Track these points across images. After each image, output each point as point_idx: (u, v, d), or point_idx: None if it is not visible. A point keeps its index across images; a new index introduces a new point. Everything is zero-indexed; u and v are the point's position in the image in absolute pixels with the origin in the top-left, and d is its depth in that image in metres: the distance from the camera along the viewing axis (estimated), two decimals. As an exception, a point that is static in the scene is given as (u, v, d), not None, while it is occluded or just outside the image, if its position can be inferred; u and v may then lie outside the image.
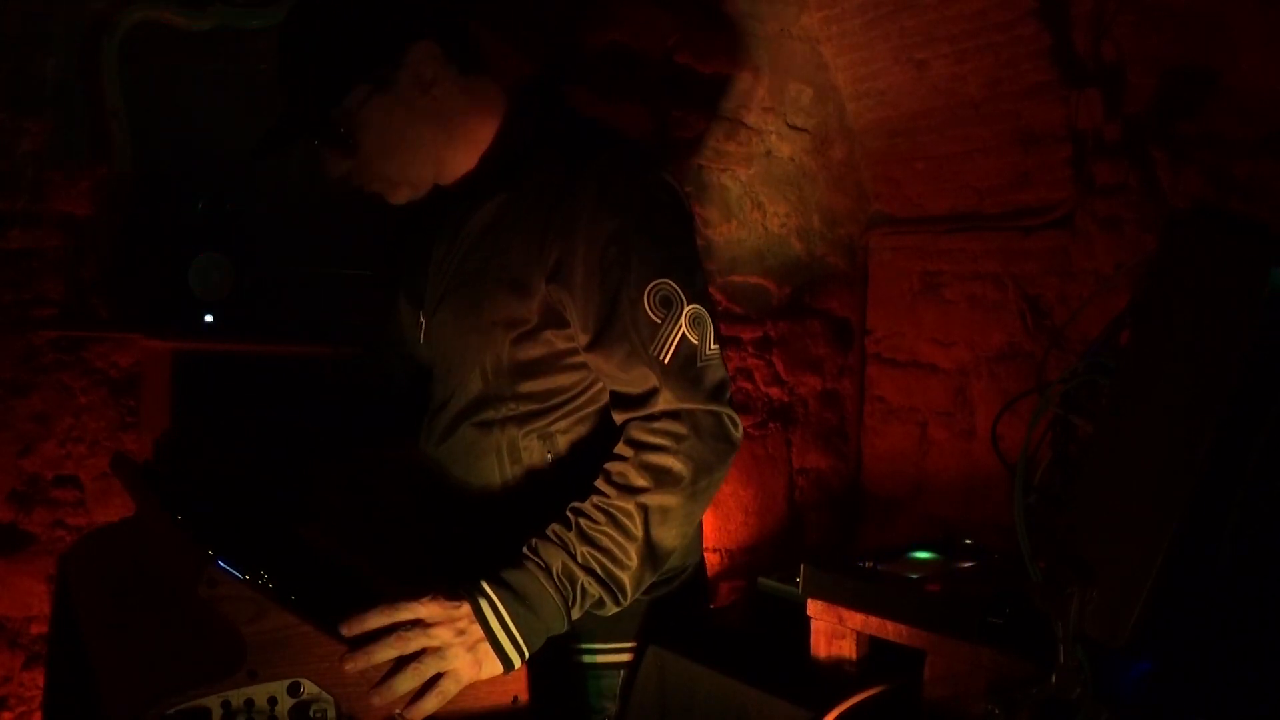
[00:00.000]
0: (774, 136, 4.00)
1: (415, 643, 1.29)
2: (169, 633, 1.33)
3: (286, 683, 1.22)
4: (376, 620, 1.28)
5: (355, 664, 1.25)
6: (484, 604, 1.35)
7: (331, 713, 1.24)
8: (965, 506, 3.91)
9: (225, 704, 1.19)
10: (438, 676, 1.30)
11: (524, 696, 1.37)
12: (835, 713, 1.29)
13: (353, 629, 1.27)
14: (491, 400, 1.57)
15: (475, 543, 1.63)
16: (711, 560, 3.88)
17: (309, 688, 1.23)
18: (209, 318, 2.67)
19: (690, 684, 1.45)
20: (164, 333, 2.66)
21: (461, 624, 1.32)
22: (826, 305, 4.22)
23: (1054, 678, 1.07)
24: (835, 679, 1.40)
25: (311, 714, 1.23)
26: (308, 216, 3.05)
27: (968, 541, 1.62)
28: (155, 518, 1.51)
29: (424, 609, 1.31)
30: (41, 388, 2.77)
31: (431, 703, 1.29)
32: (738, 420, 1.51)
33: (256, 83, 2.93)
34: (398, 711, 1.28)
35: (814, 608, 1.46)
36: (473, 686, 1.33)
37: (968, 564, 1.51)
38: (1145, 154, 3.36)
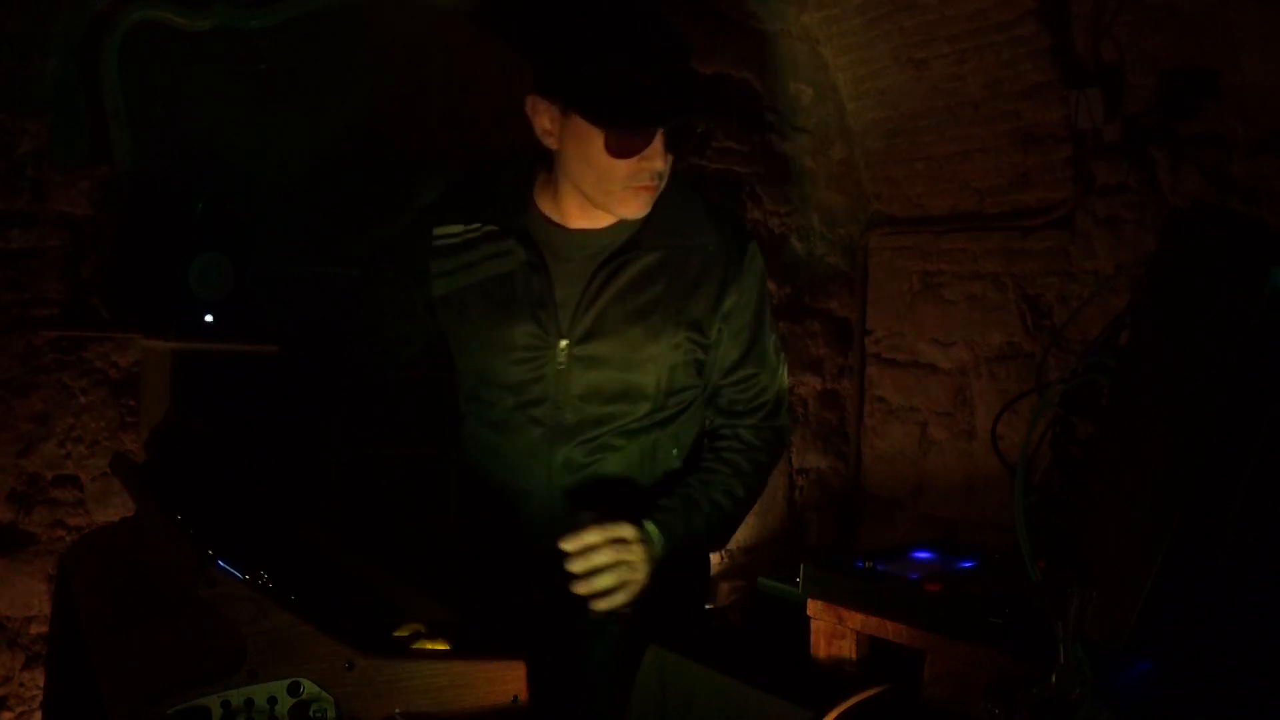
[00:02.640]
0: (774, 136, 4.00)
1: (621, 553, 1.64)
2: (169, 633, 1.33)
3: (286, 683, 1.22)
4: (592, 537, 1.62)
5: (575, 566, 1.61)
6: (655, 534, 1.72)
7: (331, 713, 1.24)
8: (965, 506, 3.90)
9: (225, 704, 1.19)
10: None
11: (524, 696, 1.37)
12: (835, 713, 1.29)
13: (573, 544, 1.61)
14: (652, 413, 1.87)
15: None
16: (711, 560, 3.88)
17: (309, 688, 1.23)
18: (209, 318, 2.67)
19: (690, 684, 1.45)
20: (164, 333, 2.67)
21: (647, 547, 1.69)
22: (826, 305, 4.22)
23: (1054, 678, 1.07)
24: (835, 679, 1.40)
25: (311, 714, 1.23)
26: (308, 216, 3.05)
27: (967, 541, 1.62)
28: (155, 518, 1.52)
29: (626, 530, 1.66)
30: (41, 388, 2.77)
31: (621, 598, 1.64)
32: None
33: (256, 83, 2.93)
34: (397, 710, 1.28)
35: (814, 608, 1.46)
36: (472, 687, 1.33)
37: (968, 564, 1.51)
38: (1145, 154, 3.36)
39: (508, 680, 1.36)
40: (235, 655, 1.20)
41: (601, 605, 1.64)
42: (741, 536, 3.98)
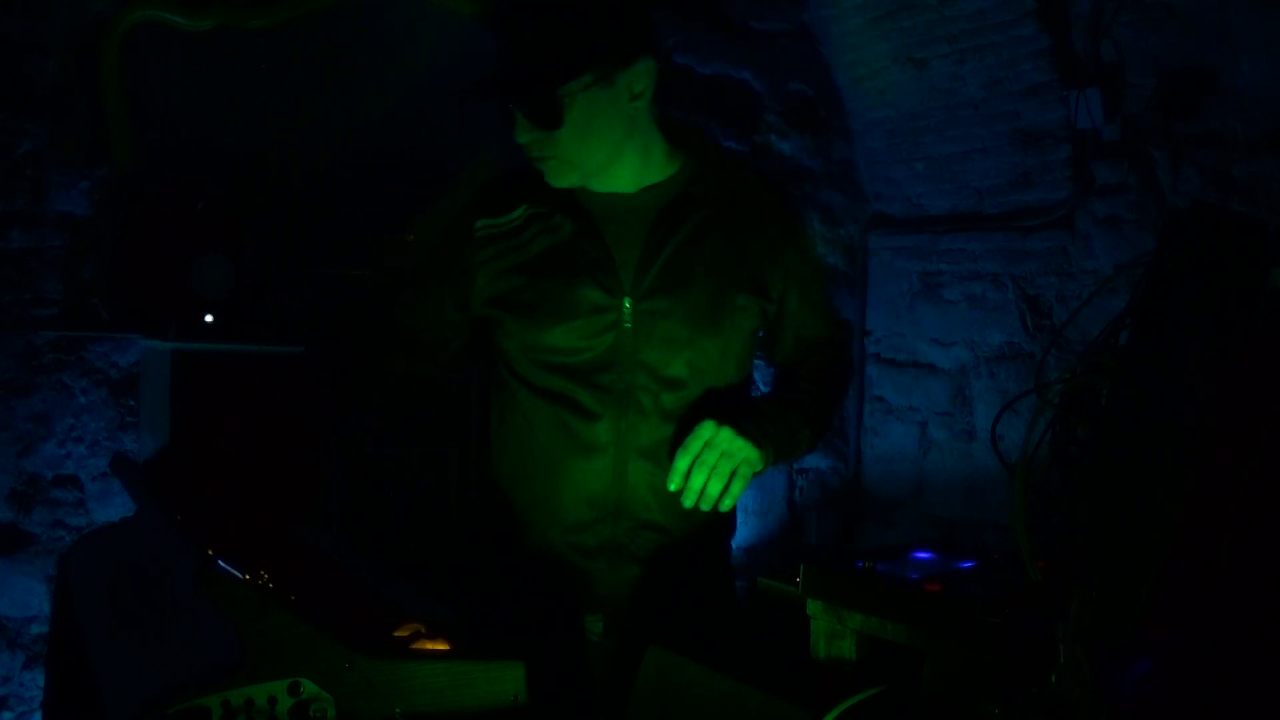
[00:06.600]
0: (774, 136, 4.00)
1: (712, 458, 1.66)
2: (169, 633, 1.33)
3: (286, 683, 1.22)
4: (683, 462, 1.66)
5: (686, 499, 1.67)
6: (736, 426, 1.72)
7: (331, 713, 1.24)
8: (965, 506, 3.90)
9: (225, 704, 1.19)
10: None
11: (524, 696, 1.37)
12: (835, 713, 1.29)
13: (674, 481, 1.66)
14: (721, 384, 1.85)
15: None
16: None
17: (309, 688, 1.23)
18: (209, 318, 2.67)
19: (690, 684, 1.45)
20: (164, 333, 2.67)
21: (736, 428, 1.70)
22: (826, 305, 4.22)
23: (1054, 678, 1.07)
24: (835, 679, 1.40)
25: (311, 714, 1.23)
26: (308, 216, 3.05)
27: (967, 541, 1.62)
28: (155, 518, 1.52)
29: (704, 431, 1.67)
30: (41, 388, 2.77)
31: (739, 486, 1.70)
32: None
33: (256, 83, 2.93)
34: (397, 710, 1.28)
35: (814, 608, 1.46)
36: (472, 687, 1.34)
37: (968, 564, 1.51)
38: (1145, 154, 3.36)
39: (508, 680, 1.36)
40: (235, 655, 1.20)
41: (726, 503, 1.70)
42: (742, 536, 3.98)
